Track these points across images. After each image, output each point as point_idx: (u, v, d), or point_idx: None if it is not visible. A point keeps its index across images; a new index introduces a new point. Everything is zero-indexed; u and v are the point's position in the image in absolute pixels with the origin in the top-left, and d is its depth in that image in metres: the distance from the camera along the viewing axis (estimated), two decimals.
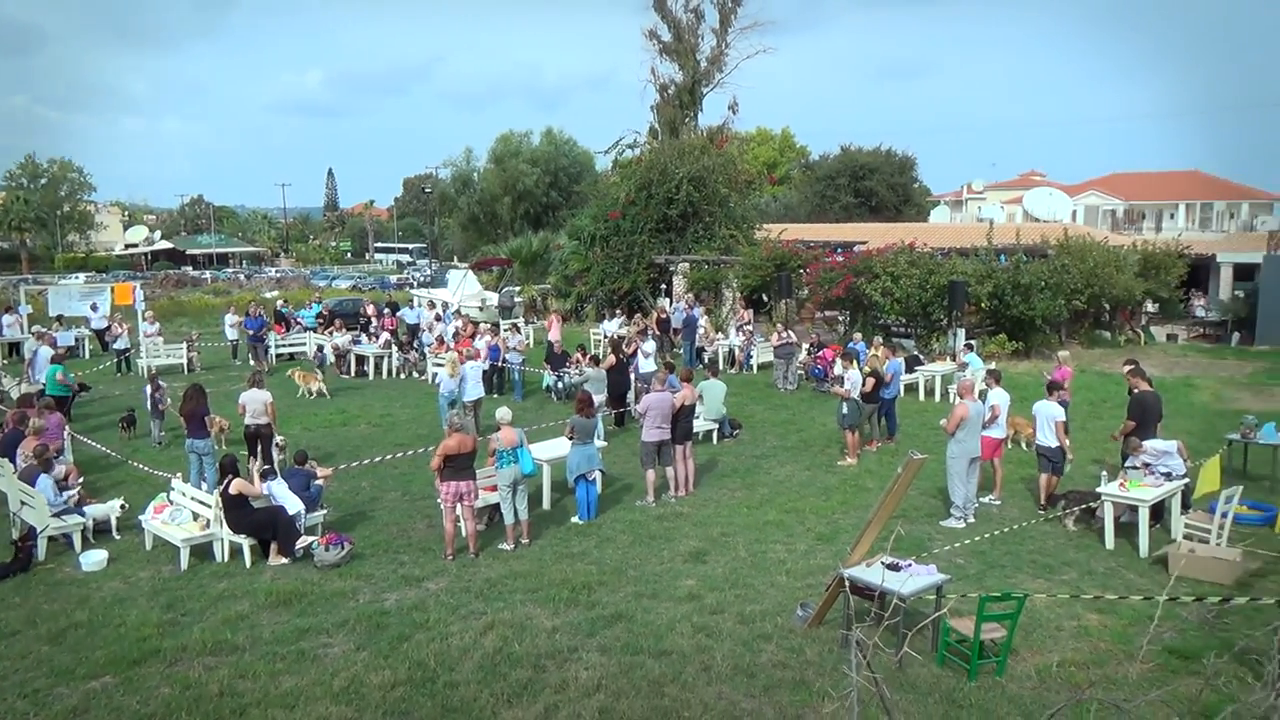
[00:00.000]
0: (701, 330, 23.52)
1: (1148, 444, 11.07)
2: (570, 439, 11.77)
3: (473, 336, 20.44)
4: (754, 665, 7.66)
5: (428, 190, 78.71)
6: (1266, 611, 8.07)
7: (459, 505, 10.29)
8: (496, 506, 11.02)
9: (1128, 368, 12.50)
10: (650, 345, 18.78)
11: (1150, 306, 29.67)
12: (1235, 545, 10.01)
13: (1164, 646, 7.86)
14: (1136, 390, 11.93)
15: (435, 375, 19.32)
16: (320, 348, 23.23)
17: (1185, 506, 10.85)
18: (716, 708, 7.03)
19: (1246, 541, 10.33)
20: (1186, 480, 10.93)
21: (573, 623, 8.51)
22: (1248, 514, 11.16)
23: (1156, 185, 62.39)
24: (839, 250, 28.85)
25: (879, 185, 59.93)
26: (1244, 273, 30.23)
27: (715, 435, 15.58)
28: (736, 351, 23.16)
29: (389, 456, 14.34)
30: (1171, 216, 58.88)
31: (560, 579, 9.56)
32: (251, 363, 22.90)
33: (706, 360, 21.06)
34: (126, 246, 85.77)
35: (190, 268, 75.63)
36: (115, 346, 23.79)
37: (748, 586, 9.35)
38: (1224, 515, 10.16)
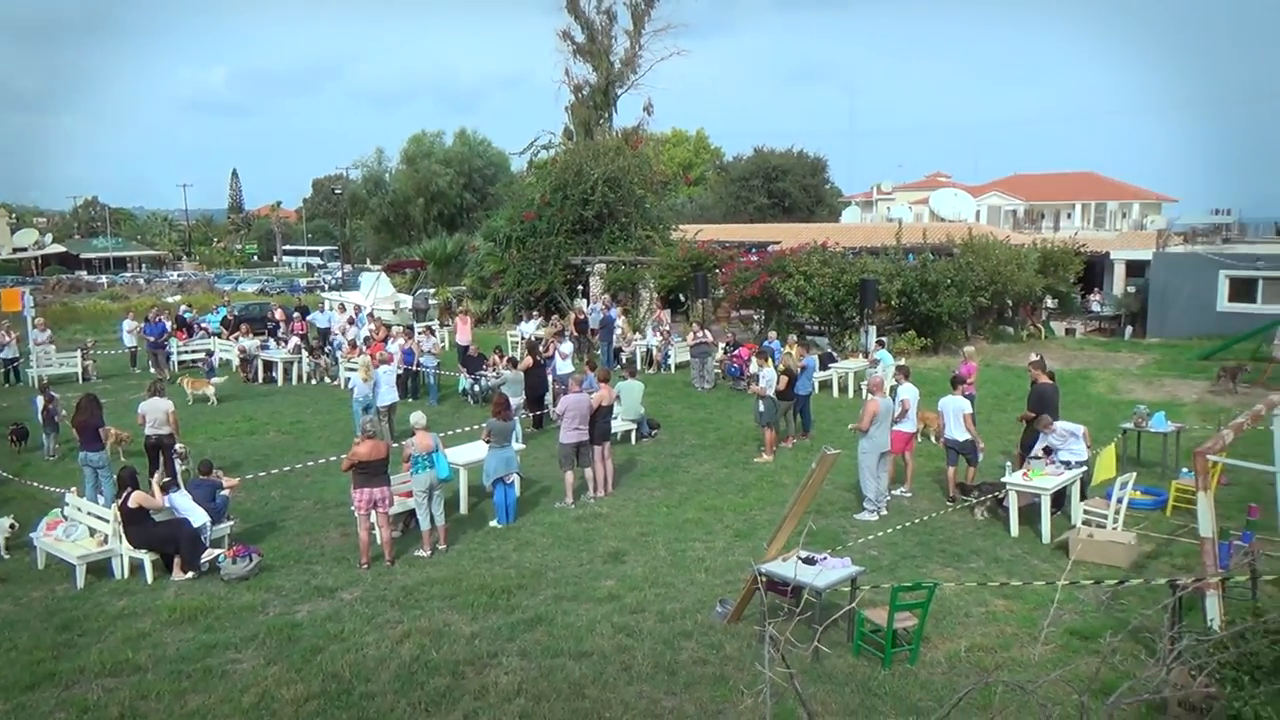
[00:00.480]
0: (619, 331, 23.55)
1: (1058, 425, 11.55)
2: (487, 442, 11.65)
3: (385, 340, 20.05)
4: (674, 663, 7.69)
5: (337, 191, 76.92)
6: (1158, 591, 8.47)
7: (373, 512, 10.08)
8: (412, 513, 10.83)
9: (1033, 359, 13.03)
10: (568, 347, 18.73)
11: (1050, 302, 30.88)
12: (1130, 529, 10.49)
13: (1065, 628, 8.19)
14: (1037, 383, 12.43)
15: (348, 380, 18.90)
16: (209, 353, 22.59)
17: (1084, 494, 11.32)
18: (638, 707, 7.03)
19: (1140, 525, 10.85)
20: (1085, 468, 11.40)
21: (492, 628, 8.42)
22: (1141, 499, 11.70)
23: (1055, 186, 65.05)
24: (753, 250, 29.27)
25: (792, 186, 61.05)
26: (1135, 269, 31.72)
27: (633, 435, 15.61)
28: (654, 351, 23.27)
29: (300, 465, 13.95)
30: (1069, 216, 61.44)
31: (479, 584, 9.44)
32: (152, 371, 22.03)
33: (624, 360, 21.10)
34: (14, 250, 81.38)
35: (85, 272, 72.28)
36: (2, 356, 22.56)
37: (667, 585, 9.39)
38: (1119, 501, 10.63)
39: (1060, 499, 11.24)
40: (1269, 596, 8.43)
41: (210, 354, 22.51)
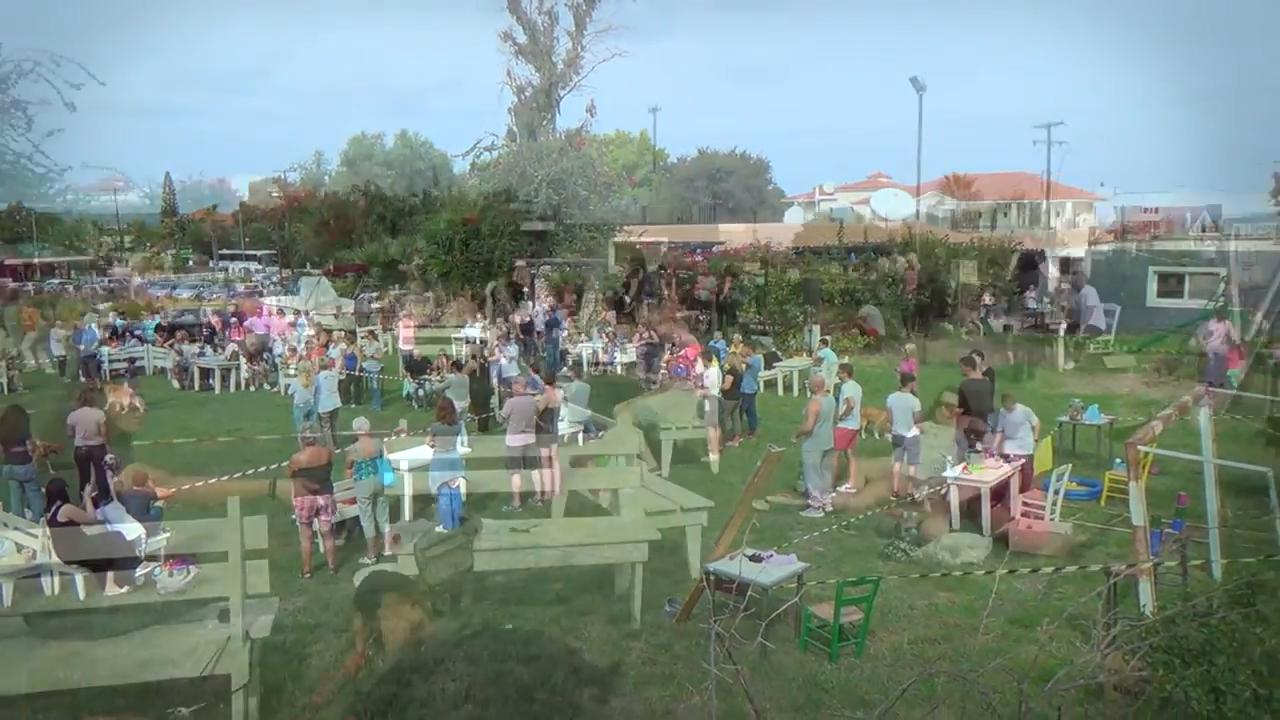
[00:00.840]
0: (565, 333, 23.48)
1: (1018, 407, 11.88)
2: (432, 446, 11.51)
3: (326, 345, 19.73)
4: (623, 664, 7.68)
5: (275, 195, 75.39)
6: (1094, 579, 8.69)
7: (315, 520, 9.90)
8: (356, 519, 10.65)
9: (964, 356, 13.32)
10: (513, 349, 18.62)
11: (988, 299, 31.53)
12: (1067, 519, 10.76)
13: (1005, 618, 8.36)
14: (968, 379, 12.73)
15: (288, 386, 18.55)
16: (133, 360, 22.07)
17: (1023, 486, 11.58)
18: (587, 709, 7.00)
19: (1076, 515, 11.13)
20: (1023, 462, 11.64)
21: (438, 634, 8.31)
22: (1077, 489, 12.01)
23: (992, 185, 66.48)
24: (698, 250, 29.44)
25: (735, 187, 61.61)
26: (1069, 267, 32.57)
27: (580, 437, 15.55)
28: (600, 353, 23.24)
29: (239, 474, 13.62)
30: (1005, 215, 62.82)
31: (424, 590, 9.30)
32: (82, 379, 21.36)
33: (570, 362, 21.04)
34: None
35: (10, 279, 69.79)
36: None
37: (616, 586, 9.37)
38: (1056, 492, 10.90)
39: (1001, 491, 11.48)
40: (1198, 581, 8.70)
41: (133, 361, 22.02)
